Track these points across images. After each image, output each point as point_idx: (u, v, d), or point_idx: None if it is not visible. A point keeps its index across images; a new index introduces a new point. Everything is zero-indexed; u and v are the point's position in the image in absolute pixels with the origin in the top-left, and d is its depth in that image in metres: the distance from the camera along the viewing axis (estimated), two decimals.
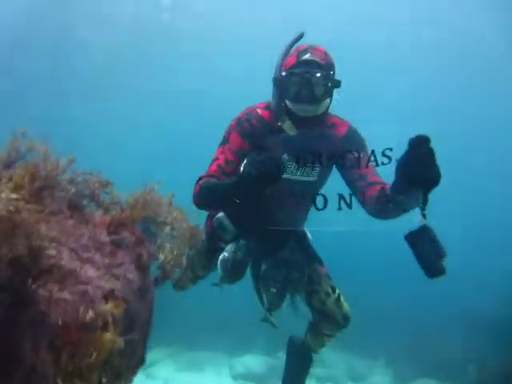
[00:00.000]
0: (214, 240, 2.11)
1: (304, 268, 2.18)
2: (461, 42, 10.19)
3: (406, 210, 1.44)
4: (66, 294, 0.82)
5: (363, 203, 1.66)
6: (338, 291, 2.19)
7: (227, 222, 2.02)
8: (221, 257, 2.07)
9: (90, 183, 1.13)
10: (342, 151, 1.79)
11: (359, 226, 1.89)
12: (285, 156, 1.83)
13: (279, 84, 1.81)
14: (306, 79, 1.73)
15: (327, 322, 2.18)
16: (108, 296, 0.89)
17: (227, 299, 2.49)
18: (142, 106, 11.08)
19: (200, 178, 1.88)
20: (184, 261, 1.22)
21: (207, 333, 5.58)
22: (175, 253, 1.17)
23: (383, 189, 1.61)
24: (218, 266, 2.07)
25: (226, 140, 1.94)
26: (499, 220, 9.89)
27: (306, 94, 1.75)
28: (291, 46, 1.87)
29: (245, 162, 1.54)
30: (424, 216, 1.36)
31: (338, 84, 1.80)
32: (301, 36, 1.88)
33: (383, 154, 1.34)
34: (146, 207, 1.15)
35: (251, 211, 1.89)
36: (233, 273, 2.05)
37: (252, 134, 1.91)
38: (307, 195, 1.96)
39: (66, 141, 1.24)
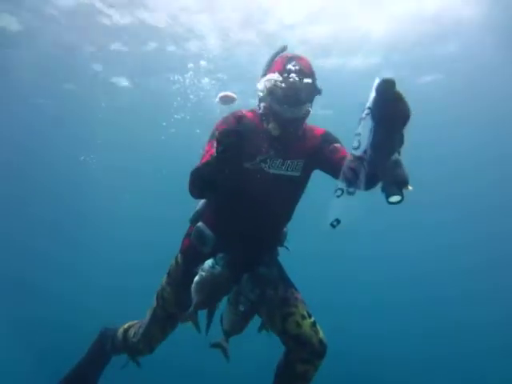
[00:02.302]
0: (190, 260, 2.11)
1: (278, 285, 2.11)
2: None
3: (391, 153, 1.44)
4: None
5: None
6: (313, 318, 2.12)
7: (207, 231, 2.08)
8: (196, 278, 1.95)
9: None
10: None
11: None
12: (271, 152, 1.98)
13: (267, 88, 1.97)
14: (292, 84, 1.89)
15: (302, 349, 2.04)
16: None
17: None
18: None
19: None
20: None
21: None
22: None
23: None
24: (193, 289, 1.95)
25: (213, 135, 1.99)
26: None
27: (291, 98, 1.91)
28: (275, 55, 2.05)
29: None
30: (399, 153, 1.43)
31: (319, 92, 1.98)
32: (284, 48, 2.06)
33: (368, 108, 1.37)
34: None
35: (236, 207, 1.99)
36: (213, 290, 1.93)
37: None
38: (293, 191, 2.12)
39: None
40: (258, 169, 1.97)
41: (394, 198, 1.40)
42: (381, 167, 1.46)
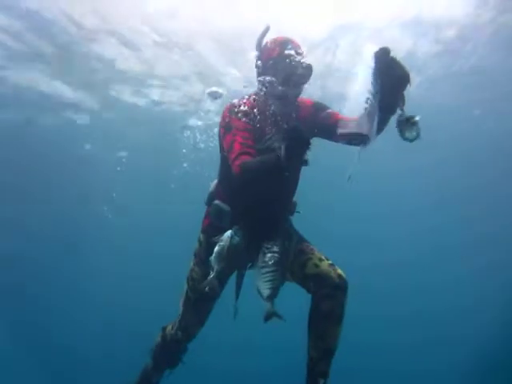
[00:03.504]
0: (211, 237, 2.17)
1: (293, 236, 2.23)
2: None
3: (393, 112, 1.62)
4: None
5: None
6: (331, 261, 2.18)
7: (224, 206, 2.22)
8: (216, 248, 2.06)
9: None
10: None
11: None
12: (274, 129, 2.11)
13: (270, 71, 2.10)
14: (296, 68, 2.05)
15: (322, 284, 2.08)
16: None
17: None
18: None
19: (234, 160, 1.94)
20: None
21: None
22: None
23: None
24: (213, 258, 2.06)
25: (229, 128, 2.08)
26: None
27: (296, 80, 2.08)
28: (262, 37, 2.17)
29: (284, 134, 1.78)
30: (402, 110, 1.58)
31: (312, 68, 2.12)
32: (267, 29, 2.17)
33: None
34: None
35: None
36: (231, 259, 2.03)
37: (247, 116, 2.12)
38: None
39: None
40: (265, 148, 2.05)
41: (411, 135, 1.56)
42: (385, 122, 1.66)
